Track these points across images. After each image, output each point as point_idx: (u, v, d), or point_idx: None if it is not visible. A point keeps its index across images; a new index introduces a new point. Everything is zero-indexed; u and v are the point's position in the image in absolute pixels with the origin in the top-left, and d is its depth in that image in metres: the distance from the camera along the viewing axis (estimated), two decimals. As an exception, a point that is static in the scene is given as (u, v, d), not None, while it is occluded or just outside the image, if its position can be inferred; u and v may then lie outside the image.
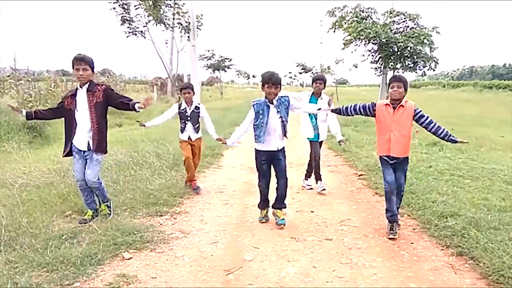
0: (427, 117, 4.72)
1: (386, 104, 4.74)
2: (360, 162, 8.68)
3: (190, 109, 6.36)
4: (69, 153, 4.95)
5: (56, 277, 3.54)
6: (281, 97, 4.97)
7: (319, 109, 5.42)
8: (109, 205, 5.18)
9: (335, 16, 17.92)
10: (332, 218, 5.40)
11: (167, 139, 9.98)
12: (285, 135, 5.04)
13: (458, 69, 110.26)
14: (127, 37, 21.07)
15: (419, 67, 16.93)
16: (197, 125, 6.44)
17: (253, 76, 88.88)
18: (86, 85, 4.81)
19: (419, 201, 5.66)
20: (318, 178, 6.68)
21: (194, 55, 19.44)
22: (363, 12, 17.14)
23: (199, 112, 6.43)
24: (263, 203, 5.27)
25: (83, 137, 4.83)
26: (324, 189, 6.56)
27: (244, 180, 7.39)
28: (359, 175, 7.74)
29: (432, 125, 4.72)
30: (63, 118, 4.99)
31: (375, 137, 10.39)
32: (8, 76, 15.58)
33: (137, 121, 6.62)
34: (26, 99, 13.48)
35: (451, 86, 59.15)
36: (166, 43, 23.68)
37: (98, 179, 4.92)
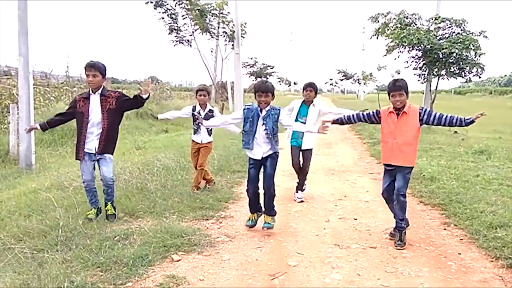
0: (435, 114, 4.57)
1: (390, 112, 4.67)
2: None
3: (203, 111, 6.51)
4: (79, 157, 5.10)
5: (109, 277, 3.70)
6: (273, 108, 4.92)
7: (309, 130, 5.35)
8: (113, 204, 5.32)
9: (378, 22, 17.71)
10: (376, 226, 5.38)
11: (213, 144, 10.16)
12: (272, 144, 4.94)
13: (506, 76, 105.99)
14: (174, 45, 21.64)
15: (464, 73, 16.48)
16: (210, 128, 6.57)
17: (295, 83, 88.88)
18: (99, 91, 5.00)
19: (466, 210, 5.54)
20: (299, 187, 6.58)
21: (238, 62, 19.71)
22: (407, 19, 16.85)
23: (212, 115, 6.51)
24: (251, 208, 5.22)
25: (93, 140, 5.02)
26: (301, 200, 6.45)
27: (286, 186, 7.44)
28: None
29: (443, 118, 4.55)
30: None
31: (418, 145, 10.25)
32: (62, 83, 16.32)
33: (151, 114, 6.85)
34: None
35: (498, 93, 57.13)
36: (211, 51, 24.18)
37: (113, 176, 5.17)
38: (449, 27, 16.66)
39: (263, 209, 5.16)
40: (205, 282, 3.78)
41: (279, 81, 70.87)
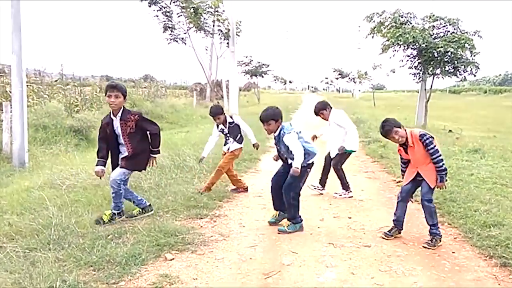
0: (433, 147, 4.54)
1: (399, 149, 4.81)
2: (398, 168, 8.50)
3: (226, 127, 6.61)
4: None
5: (102, 276, 3.68)
6: (281, 129, 4.98)
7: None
8: (115, 213, 5.16)
9: (374, 21, 17.73)
10: (370, 224, 5.38)
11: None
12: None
13: (500, 75, 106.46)
14: (168, 43, 21.54)
15: (459, 72, 16.54)
16: (238, 137, 6.67)
17: (290, 82, 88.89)
18: (119, 114, 4.97)
19: (460, 209, 5.56)
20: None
21: (233, 61, 19.69)
22: (402, 17, 16.89)
23: (234, 124, 6.66)
24: (274, 205, 5.39)
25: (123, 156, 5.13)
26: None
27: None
28: (397, 182, 7.65)
29: (434, 156, 4.54)
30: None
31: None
32: (56, 81, 16.25)
33: (199, 161, 6.91)
34: (73, 103, 14.01)
35: (493, 92, 57.39)
36: (206, 49, 24.10)
37: (119, 184, 5.04)
38: (444, 26, 16.72)
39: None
40: (199, 281, 3.76)
41: (275, 80, 70.67)
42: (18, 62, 9.18)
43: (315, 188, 6.92)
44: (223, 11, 21.29)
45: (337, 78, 61.10)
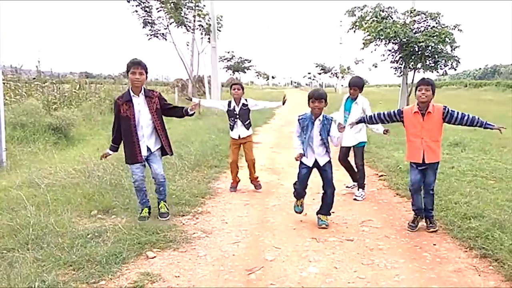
0: (457, 113, 4.65)
1: (415, 112, 4.70)
2: (380, 162, 8.64)
3: (238, 107, 6.48)
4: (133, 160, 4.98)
5: (82, 276, 3.62)
6: (325, 117, 4.98)
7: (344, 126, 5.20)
8: (166, 202, 5.33)
9: (355, 16, 17.78)
10: (353, 219, 5.40)
11: (189, 140, 10.09)
12: (327, 151, 5.07)
13: (481, 69, 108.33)
14: (148, 39, 21.26)
15: (440, 66, 16.69)
16: (247, 122, 6.55)
17: (273, 77, 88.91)
18: (142, 92, 4.90)
19: (441, 202, 5.60)
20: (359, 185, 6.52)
21: (214, 56, 19.57)
22: (383, 12, 16.97)
23: (247, 108, 6.51)
24: (298, 195, 5.30)
25: (146, 143, 4.98)
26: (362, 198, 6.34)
27: (264, 180, 7.41)
28: (380, 176, 7.71)
29: (465, 119, 4.65)
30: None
31: (395, 138, 10.33)
32: (34, 78, 15.94)
33: (187, 98, 6.78)
34: (51, 101, 13.75)
35: (473, 86, 58.19)
36: (187, 45, 23.80)
37: (163, 173, 5.17)
38: (424, 20, 16.85)
39: (320, 210, 5.21)
40: (181, 278, 3.72)
41: (257, 75, 70.71)
42: (-6, 59, 8.97)
43: (351, 187, 6.70)
44: (204, 5, 21.13)
45: (319, 73, 61.35)
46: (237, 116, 6.47)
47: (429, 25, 16.75)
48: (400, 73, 18.00)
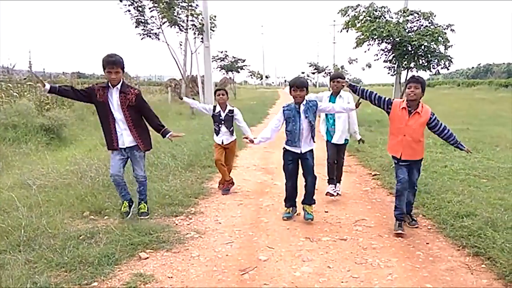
0: (441, 124, 4.77)
1: (403, 108, 4.71)
2: (374, 162, 8.66)
3: (224, 112, 6.46)
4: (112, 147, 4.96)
5: (74, 277, 3.59)
6: (309, 101, 5.05)
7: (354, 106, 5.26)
8: (146, 203, 5.33)
9: (348, 15, 17.82)
10: (346, 218, 5.40)
11: (182, 140, 10.04)
12: (312, 139, 5.16)
13: (473, 68, 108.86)
14: (141, 39, 21.14)
15: (433, 65, 16.75)
16: (231, 128, 6.56)
17: (266, 77, 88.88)
18: (118, 86, 4.80)
19: (434, 201, 5.63)
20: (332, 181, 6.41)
21: (207, 56, 19.54)
22: (376, 11, 17.01)
23: (233, 116, 6.52)
24: (288, 202, 5.41)
25: (124, 136, 4.91)
26: (337, 194, 6.30)
27: (258, 180, 7.41)
28: (373, 175, 7.72)
29: (446, 132, 4.81)
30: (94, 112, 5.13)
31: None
32: (25, 79, 15.83)
33: (179, 98, 6.79)
34: (43, 102, 13.66)
35: (466, 85, 58.47)
36: (180, 44, 23.70)
37: (145, 173, 5.17)
38: (417, 20, 16.91)
39: (304, 199, 5.31)
40: (174, 279, 3.71)
41: (251, 75, 70.55)
42: (-15, 59, 8.90)
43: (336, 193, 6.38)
44: (197, 5, 21.06)
45: (313, 73, 61.41)
46: (222, 122, 6.47)
47: (422, 25, 16.81)
48: (394, 72, 18.05)
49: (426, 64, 16.70)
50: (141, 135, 5.01)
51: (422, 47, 15.98)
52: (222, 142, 6.53)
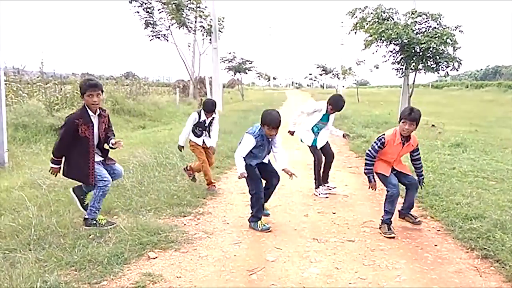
0: (419, 158, 5.05)
1: (400, 143, 4.82)
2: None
3: (208, 120, 6.59)
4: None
5: (84, 276, 3.62)
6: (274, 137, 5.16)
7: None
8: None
9: (356, 17, 17.78)
10: (354, 219, 5.40)
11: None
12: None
13: (482, 69, 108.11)
14: (150, 40, 21.31)
15: (441, 67, 16.67)
16: (211, 132, 6.71)
17: (274, 78, 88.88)
18: (98, 111, 4.73)
19: (442, 203, 5.61)
20: (321, 182, 6.70)
21: (216, 57, 19.60)
22: (384, 13, 16.95)
23: (214, 121, 6.70)
24: (257, 201, 5.12)
25: (98, 158, 4.85)
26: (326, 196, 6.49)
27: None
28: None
29: (418, 161, 5.06)
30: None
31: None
32: (36, 78, 15.97)
33: (179, 147, 6.84)
34: (53, 102, 13.78)
35: (475, 87, 58.17)
36: (189, 46, 23.89)
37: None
38: (426, 21, 16.83)
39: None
40: (182, 279, 3.73)
41: (258, 76, 70.54)
42: (-4, 60, 8.98)
43: (330, 188, 6.77)
44: (206, 7, 21.14)
45: (321, 74, 61.22)
46: (206, 128, 6.61)
47: (431, 26, 16.72)
48: (402, 74, 17.98)
49: (434, 66, 16.62)
50: (106, 153, 4.98)
51: (431, 48, 15.90)
52: (203, 142, 6.64)
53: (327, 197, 6.43)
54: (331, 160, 6.78)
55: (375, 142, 4.94)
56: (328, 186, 6.74)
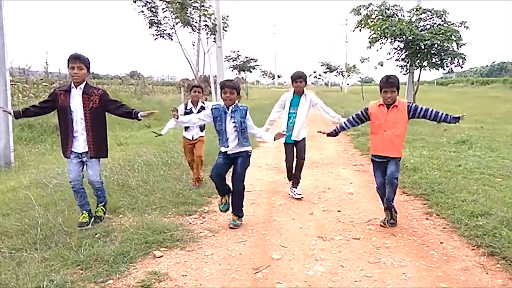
0: (421, 108, 4.73)
1: (380, 104, 4.75)
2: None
3: (196, 109, 6.44)
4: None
5: (90, 275, 3.64)
6: (239, 106, 4.96)
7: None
8: (105, 206, 5.12)
9: (360, 14, 17.76)
10: (359, 217, 5.39)
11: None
12: (240, 141, 4.97)
13: (487, 66, 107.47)
14: (155, 39, 21.32)
15: (446, 64, 16.61)
16: (203, 124, 6.47)
17: (278, 76, 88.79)
18: (82, 86, 4.66)
19: (448, 200, 5.59)
20: (294, 184, 6.38)
21: (220, 56, 19.59)
22: (388, 10, 16.93)
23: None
24: (219, 191, 5.19)
25: (79, 140, 4.71)
26: (301, 197, 6.21)
27: (270, 179, 7.42)
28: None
29: (429, 112, 4.72)
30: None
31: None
32: (42, 79, 16.04)
33: (153, 132, 6.75)
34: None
35: (480, 83, 57.90)
36: (193, 45, 23.88)
37: (100, 178, 4.98)
38: (430, 18, 16.79)
39: (232, 209, 5.14)
40: (188, 277, 3.74)
41: (263, 75, 70.60)
42: (2, 60, 9.02)
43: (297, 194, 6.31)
44: (210, 5, 21.13)
45: (325, 72, 61.31)
46: None
47: (435, 23, 16.69)
48: (406, 71, 17.94)
49: (439, 62, 16.57)
50: (96, 141, 4.75)
51: (435, 45, 15.85)
52: (192, 137, 6.58)
53: (302, 198, 6.20)
54: (301, 166, 6.35)
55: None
56: (291, 188, 6.43)
